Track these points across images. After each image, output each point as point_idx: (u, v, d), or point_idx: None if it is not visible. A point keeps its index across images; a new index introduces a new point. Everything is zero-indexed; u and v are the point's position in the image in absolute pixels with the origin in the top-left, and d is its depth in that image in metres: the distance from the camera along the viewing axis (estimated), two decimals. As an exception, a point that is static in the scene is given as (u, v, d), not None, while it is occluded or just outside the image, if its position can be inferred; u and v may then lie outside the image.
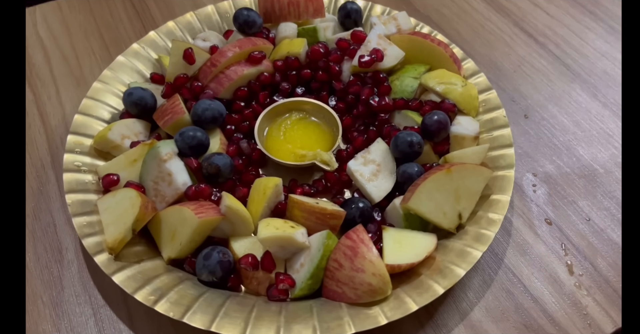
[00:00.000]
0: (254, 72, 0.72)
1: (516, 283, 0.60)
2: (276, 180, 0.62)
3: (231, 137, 0.70)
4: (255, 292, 0.58)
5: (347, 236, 0.56)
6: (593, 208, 0.67)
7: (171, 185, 0.60)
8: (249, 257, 0.56)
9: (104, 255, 0.56)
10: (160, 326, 0.57)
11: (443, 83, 0.70)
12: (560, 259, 0.62)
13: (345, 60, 0.74)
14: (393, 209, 0.62)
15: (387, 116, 0.71)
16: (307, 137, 0.71)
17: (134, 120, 0.69)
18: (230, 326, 0.51)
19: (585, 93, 0.79)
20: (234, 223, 0.59)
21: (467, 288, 0.60)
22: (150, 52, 0.77)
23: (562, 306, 0.58)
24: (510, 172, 0.63)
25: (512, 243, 0.63)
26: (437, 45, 0.73)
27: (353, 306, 0.54)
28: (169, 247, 0.58)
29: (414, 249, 0.57)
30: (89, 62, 0.83)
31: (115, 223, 0.57)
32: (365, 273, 0.53)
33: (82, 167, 0.64)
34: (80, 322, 0.57)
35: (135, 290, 0.53)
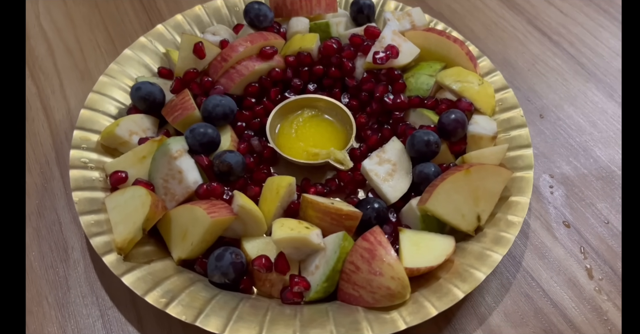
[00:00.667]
0: (266, 68, 0.70)
1: (535, 287, 0.59)
2: (290, 179, 0.60)
3: (242, 134, 0.69)
4: (268, 294, 0.56)
5: (364, 238, 0.54)
6: (612, 210, 0.65)
7: (182, 183, 0.59)
8: (262, 258, 0.55)
9: (113, 255, 0.54)
10: (171, 329, 0.55)
11: (459, 81, 0.68)
12: (580, 263, 0.61)
13: (359, 57, 0.72)
14: (409, 210, 0.60)
15: (402, 114, 0.69)
16: (319, 135, 0.70)
17: (142, 115, 0.67)
18: (244, 331, 0.50)
19: (602, 93, 0.78)
20: (246, 223, 0.58)
21: (485, 292, 0.58)
22: (158, 46, 0.75)
23: (582, 311, 0.57)
24: (529, 173, 0.61)
25: (530, 246, 0.62)
26: (453, 42, 0.71)
27: (370, 310, 0.52)
28: (179, 247, 0.56)
29: (432, 252, 0.55)
30: (94, 55, 0.81)
31: (125, 222, 0.55)
32: (384, 277, 0.51)
33: (89, 164, 0.62)
34: (87, 324, 0.56)
35: (145, 292, 0.51)
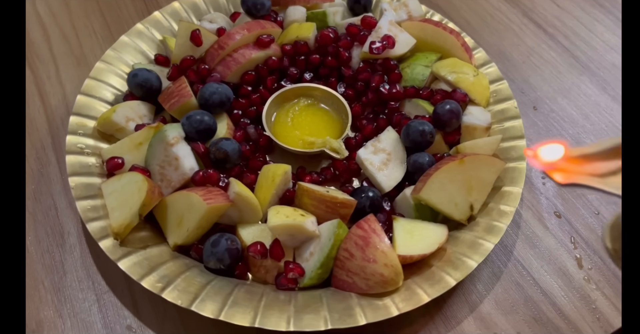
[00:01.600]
0: (262, 56, 0.70)
1: (525, 275, 0.60)
2: (285, 167, 0.61)
3: (238, 121, 0.69)
4: (262, 280, 0.57)
5: (359, 225, 0.55)
6: (602, 201, 0.66)
7: (178, 170, 0.59)
8: (257, 245, 0.55)
9: (109, 240, 0.55)
10: (166, 313, 0.56)
11: (455, 72, 0.69)
12: (570, 252, 0.62)
13: (355, 46, 0.73)
14: (403, 199, 0.61)
15: (397, 104, 0.69)
16: (315, 124, 0.70)
17: (139, 102, 0.67)
18: (239, 315, 0.50)
19: (595, 86, 0.79)
20: (242, 210, 0.58)
21: (476, 280, 0.59)
22: (154, 33, 0.75)
23: (571, 300, 0.58)
24: (522, 164, 0.62)
25: (522, 236, 0.63)
26: (449, 34, 0.72)
27: (364, 296, 0.53)
28: (175, 233, 0.57)
29: (425, 240, 0.56)
30: (90, 42, 0.81)
31: (121, 208, 0.55)
32: (377, 264, 0.52)
33: (86, 150, 0.62)
34: (83, 308, 0.56)
35: (142, 277, 0.52)
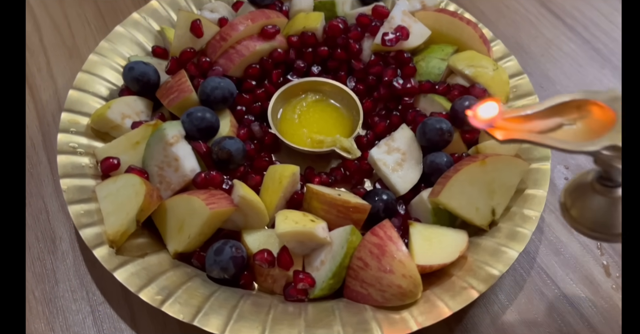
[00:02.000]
0: (267, 48, 0.66)
1: (550, 284, 0.56)
2: (293, 168, 0.57)
3: (242, 119, 0.65)
4: (270, 291, 0.53)
5: (373, 232, 0.51)
6: (629, 204, 0.62)
7: (178, 171, 0.55)
8: (264, 253, 0.51)
9: (104, 248, 0.51)
10: (166, 326, 0.52)
11: (473, 66, 0.64)
12: (596, 259, 0.58)
13: (366, 38, 0.68)
14: (420, 202, 0.57)
15: (412, 100, 0.65)
16: (324, 121, 0.66)
17: (135, 97, 0.62)
18: (246, 331, 0.46)
19: (618, 81, 0.75)
20: (247, 215, 0.54)
21: (498, 289, 0.56)
22: (152, 23, 0.70)
23: (599, 311, 0.54)
24: (546, 165, 0.58)
25: (545, 241, 0.59)
26: (466, 24, 0.67)
27: (379, 309, 0.49)
28: (175, 240, 0.53)
29: (445, 248, 0.52)
30: (83, 32, 0.76)
31: (117, 213, 0.51)
32: (395, 274, 0.48)
33: (78, 149, 0.58)
34: (76, 320, 0.52)
35: (140, 289, 0.48)
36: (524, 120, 0.39)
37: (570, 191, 0.44)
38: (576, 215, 0.43)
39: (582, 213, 0.43)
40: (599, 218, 0.42)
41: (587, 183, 0.42)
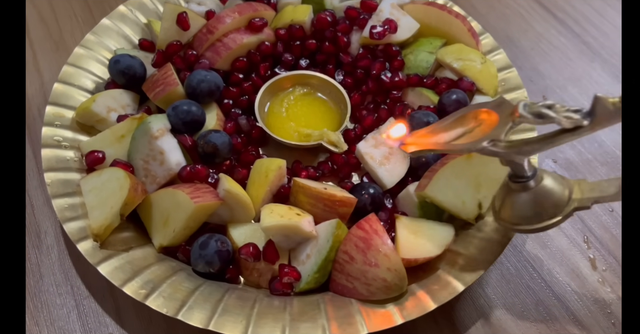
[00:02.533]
0: (254, 41, 0.66)
1: (536, 278, 0.56)
2: (280, 161, 0.56)
3: (229, 112, 0.64)
4: (255, 284, 0.53)
5: (359, 226, 0.51)
6: (616, 198, 0.62)
7: (163, 165, 0.54)
8: (249, 247, 0.51)
9: (88, 242, 0.50)
10: (151, 320, 0.52)
11: (461, 59, 0.64)
12: (583, 253, 0.58)
13: (354, 31, 0.68)
14: (407, 196, 0.57)
15: (400, 94, 0.65)
16: (312, 115, 0.65)
17: (121, 91, 0.62)
18: (230, 325, 0.46)
19: (607, 74, 0.74)
20: (233, 209, 0.54)
21: (484, 283, 0.56)
22: (139, 16, 0.69)
23: (585, 304, 0.54)
24: (533, 159, 0.58)
25: (532, 235, 0.59)
26: (454, 18, 0.67)
27: (365, 303, 0.49)
28: (160, 234, 0.53)
29: (430, 241, 0.52)
30: (70, 25, 0.75)
31: (101, 207, 0.51)
32: (380, 268, 0.48)
33: (63, 143, 0.57)
34: (61, 315, 0.52)
35: (124, 283, 0.48)
36: (432, 134, 0.46)
37: (497, 197, 0.48)
38: (505, 216, 0.47)
39: (510, 212, 0.46)
40: (523, 212, 0.45)
41: (505, 185, 0.46)
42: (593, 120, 0.38)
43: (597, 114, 0.38)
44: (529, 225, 0.45)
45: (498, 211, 0.48)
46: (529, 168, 0.44)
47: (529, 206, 0.45)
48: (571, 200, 0.44)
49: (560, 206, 0.44)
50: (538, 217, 0.45)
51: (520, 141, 0.43)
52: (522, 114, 0.40)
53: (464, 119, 0.45)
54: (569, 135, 0.40)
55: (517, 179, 0.45)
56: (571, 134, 0.40)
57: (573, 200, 0.44)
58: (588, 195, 0.44)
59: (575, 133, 0.40)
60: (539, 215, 0.44)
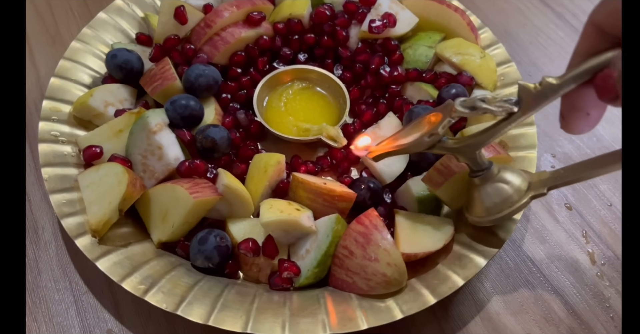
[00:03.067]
0: (253, 35, 0.65)
1: (535, 272, 0.56)
2: (279, 156, 0.56)
3: (227, 107, 0.64)
4: (255, 280, 0.53)
5: (359, 221, 0.51)
6: (615, 192, 0.63)
7: (162, 160, 0.54)
8: (249, 242, 0.51)
9: (87, 237, 0.50)
10: (150, 315, 0.52)
11: (460, 53, 0.64)
12: (582, 247, 0.58)
13: (353, 25, 0.67)
14: (406, 191, 0.57)
15: (399, 88, 0.65)
16: (310, 109, 0.65)
17: (119, 85, 0.61)
18: (230, 320, 0.46)
19: (606, 69, 0.74)
20: (232, 204, 0.54)
21: (483, 277, 0.56)
22: (135, 9, 0.69)
23: (584, 298, 0.55)
24: (532, 153, 0.58)
25: (531, 229, 0.59)
26: (453, 11, 0.67)
27: (364, 298, 0.49)
28: (159, 229, 0.52)
29: (430, 236, 0.52)
30: (66, 19, 0.75)
31: (99, 202, 0.51)
32: (380, 263, 0.48)
33: (60, 137, 0.57)
34: (59, 310, 0.52)
35: (122, 278, 0.47)
36: (393, 141, 0.50)
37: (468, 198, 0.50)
38: (475, 211, 0.49)
39: (479, 206, 0.48)
40: (489, 203, 0.48)
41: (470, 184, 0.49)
42: (521, 106, 0.42)
43: (523, 100, 0.42)
44: (497, 213, 0.47)
45: (469, 210, 0.50)
46: (483, 161, 0.47)
47: (493, 195, 0.47)
48: (531, 186, 0.47)
49: (521, 192, 0.47)
50: (503, 204, 0.47)
51: (467, 136, 0.47)
52: (457, 109, 0.43)
53: (419, 125, 0.48)
54: (506, 123, 0.44)
55: (476, 173, 0.48)
56: (507, 122, 0.43)
57: (532, 186, 0.47)
58: (545, 183, 0.47)
59: (511, 120, 0.43)
60: (504, 201, 0.47)
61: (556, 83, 0.40)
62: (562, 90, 0.40)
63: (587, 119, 0.39)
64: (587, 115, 0.39)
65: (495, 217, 0.47)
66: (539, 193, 0.46)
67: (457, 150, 0.47)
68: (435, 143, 0.47)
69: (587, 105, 0.38)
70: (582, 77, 0.38)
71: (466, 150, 0.47)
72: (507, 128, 0.44)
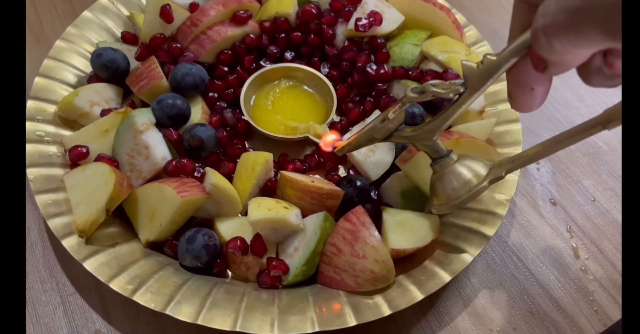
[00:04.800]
0: (239, 34, 0.65)
1: (521, 267, 0.57)
2: (266, 155, 0.56)
3: (214, 105, 0.64)
4: (243, 278, 0.53)
5: (347, 218, 0.51)
6: (598, 187, 0.64)
7: (149, 159, 0.54)
8: (237, 240, 0.51)
9: (74, 238, 0.50)
10: (139, 316, 0.52)
11: (446, 51, 0.64)
12: (566, 242, 0.59)
13: (340, 23, 0.68)
14: (390, 185, 0.57)
15: (386, 86, 0.65)
16: (298, 108, 0.65)
17: (104, 84, 0.61)
18: (219, 319, 0.46)
19: (589, 66, 0.75)
20: (220, 203, 0.54)
21: (470, 273, 0.56)
22: (121, 8, 0.68)
23: (568, 292, 0.55)
24: (517, 149, 0.59)
25: (516, 225, 0.60)
26: (439, 10, 0.67)
27: (353, 294, 0.49)
28: (147, 229, 0.52)
29: (418, 232, 0.52)
30: (50, 17, 0.74)
31: (86, 202, 0.50)
32: (367, 260, 0.48)
33: (46, 137, 0.56)
34: (46, 311, 0.52)
35: (110, 278, 0.47)
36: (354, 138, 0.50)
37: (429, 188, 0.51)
38: (440, 198, 0.49)
39: (442, 193, 0.48)
40: (451, 187, 0.48)
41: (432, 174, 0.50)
42: (467, 85, 0.42)
43: (469, 79, 0.42)
44: (456, 199, 0.47)
45: (431, 200, 0.51)
46: (441, 148, 0.48)
47: (453, 180, 0.48)
48: (491, 172, 0.47)
49: (480, 177, 0.47)
50: (462, 188, 0.47)
51: (423, 125, 0.47)
52: (407, 94, 0.44)
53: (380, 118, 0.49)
54: (456, 106, 0.44)
55: (437, 160, 0.48)
56: (457, 104, 0.44)
57: (492, 171, 0.47)
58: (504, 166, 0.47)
59: (461, 102, 0.44)
60: (462, 186, 0.47)
61: (496, 59, 0.40)
62: (503, 66, 0.40)
63: (532, 95, 0.39)
64: (531, 90, 0.39)
65: (455, 202, 0.47)
66: (497, 177, 0.47)
67: (415, 138, 0.48)
68: (391, 131, 0.48)
69: (530, 79, 0.39)
70: (520, 51, 0.38)
71: (423, 137, 0.47)
72: (458, 111, 0.44)
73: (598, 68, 0.34)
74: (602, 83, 0.35)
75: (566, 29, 0.30)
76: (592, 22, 0.29)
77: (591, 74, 0.34)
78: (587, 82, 0.35)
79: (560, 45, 0.31)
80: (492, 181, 0.47)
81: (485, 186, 0.47)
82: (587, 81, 0.35)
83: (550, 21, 0.31)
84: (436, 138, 0.47)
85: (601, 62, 0.33)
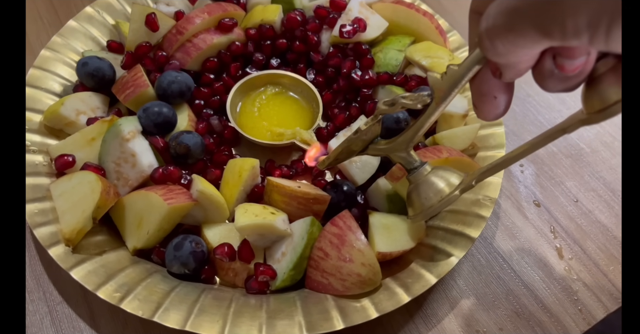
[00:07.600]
0: (225, 41, 0.66)
1: (506, 268, 0.58)
2: (253, 161, 0.57)
3: (200, 113, 0.64)
4: (231, 284, 0.53)
5: (333, 222, 0.51)
6: (581, 189, 0.65)
7: (135, 167, 0.54)
8: (224, 247, 0.51)
9: (60, 246, 0.50)
10: (127, 324, 0.52)
11: (429, 56, 0.65)
12: (550, 242, 0.60)
13: (324, 30, 0.68)
14: (376, 189, 0.58)
15: (370, 91, 0.66)
16: (284, 114, 0.66)
17: (90, 93, 0.61)
18: (207, 325, 0.46)
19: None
20: (207, 209, 0.54)
21: (456, 275, 0.57)
22: (106, 17, 0.69)
23: (552, 292, 0.56)
24: (501, 152, 0.60)
25: (501, 227, 0.61)
26: (422, 15, 0.68)
27: (340, 298, 0.50)
28: (134, 236, 0.52)
29: (403, 235, 0.53)
30: (35, 27, 0.74)
31: (73, 211, 0.51)
32: (354, 263, 0.49)
33: (32, 147, 0.56)
34: (34, 321, 0.51)
35: (97, 287, 0.47)
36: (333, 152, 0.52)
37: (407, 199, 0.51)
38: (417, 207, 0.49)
39: (418, 202, 0.49)
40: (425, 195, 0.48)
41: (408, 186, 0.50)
42: (433, 95, 0.43)
43: (434, 90, 0.43)
44: (429, 207, 0.48)
45: (409, 209, 0.51)
46: (415, 159, 0.49)
47: (426, 189, 0.48)
48: (463, 181, 0.48)
49: (452, 186, 0.48)
50: (435, 197, 0.48)
51: (396, 137, 0.48)
52: (379, 107, 0.45)
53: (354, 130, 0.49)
54: (425, 117, 0.45)
55: (411, 171, 0.49)
56: (426, 115, 0.45)
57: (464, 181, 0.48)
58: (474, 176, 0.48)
59: (429, 113, 0.44)
60: (435, 194, 0.48)
61: (458, 69, 0.40)
62: (466, 76, 0.40)
63: (496, 103, 0.40)
64: (494, 99, 0.40)
65: (429, 211, 0.48)
66: (468, 186, 0.47)
67: (389, 150, 0.49)
68: (367, 143, 0.50)
69: (492, 88, 0.40)
70: (480, 60, 0.39)
71: (397, 148, 0.49)
72: (427, 122, 0.45)
73: (550, 71, 0.34)
74: (557, 87, 0.35)
75: (505, 30, 0.31)
76: (526, 21, 0.30)
77: (545, 77, 0.35)
78: (542, 87, 0.36)
79: (503, 46, 0.32)
80: (463, 190, 0.48)
81: (456, 195, 0.47)
82: (542, 86, 0.36)
83: (492, 23, 0.32)
84: (409, 150, 0.49)
85: (552, 64, 0.34)
